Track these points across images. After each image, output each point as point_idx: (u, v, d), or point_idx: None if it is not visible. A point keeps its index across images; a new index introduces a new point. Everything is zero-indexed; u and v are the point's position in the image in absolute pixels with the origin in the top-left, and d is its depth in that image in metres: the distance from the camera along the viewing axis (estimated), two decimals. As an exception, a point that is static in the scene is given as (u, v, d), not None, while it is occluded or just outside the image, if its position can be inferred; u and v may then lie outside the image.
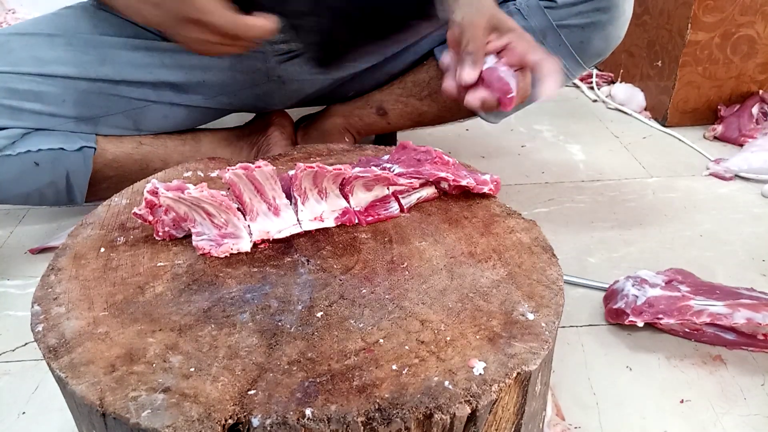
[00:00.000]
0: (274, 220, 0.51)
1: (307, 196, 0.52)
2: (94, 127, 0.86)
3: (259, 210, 0.50)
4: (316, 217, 0.52)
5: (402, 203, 0.55)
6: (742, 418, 0.62)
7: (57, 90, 0.82)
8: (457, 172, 0.56)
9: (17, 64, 0.80)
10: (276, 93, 0.95)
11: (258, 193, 0.50)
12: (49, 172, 0.84)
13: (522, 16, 0.87)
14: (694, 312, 0.67)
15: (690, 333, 0.71)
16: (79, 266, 0.48)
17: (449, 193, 0.58)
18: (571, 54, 0.87)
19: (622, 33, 0.88)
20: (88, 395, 0.36)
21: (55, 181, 0.85)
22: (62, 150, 0.83)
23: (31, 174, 0.83)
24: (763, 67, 1.23)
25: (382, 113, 1.01)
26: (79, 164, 0.86)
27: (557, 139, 1.25)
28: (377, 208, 0.54)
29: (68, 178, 0.85)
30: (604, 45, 0.87)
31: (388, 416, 0.35)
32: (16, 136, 0.81)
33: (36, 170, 0.83)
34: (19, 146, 0.81)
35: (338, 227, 0.53)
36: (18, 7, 1.85)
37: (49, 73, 0.81)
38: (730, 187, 1.05)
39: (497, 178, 0.57)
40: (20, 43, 0.82)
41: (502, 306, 0.43)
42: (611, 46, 0.89)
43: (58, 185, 0.85)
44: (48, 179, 0.84)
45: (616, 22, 0.85)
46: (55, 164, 0.84)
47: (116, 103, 0.87)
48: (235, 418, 0.35)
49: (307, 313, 0.43)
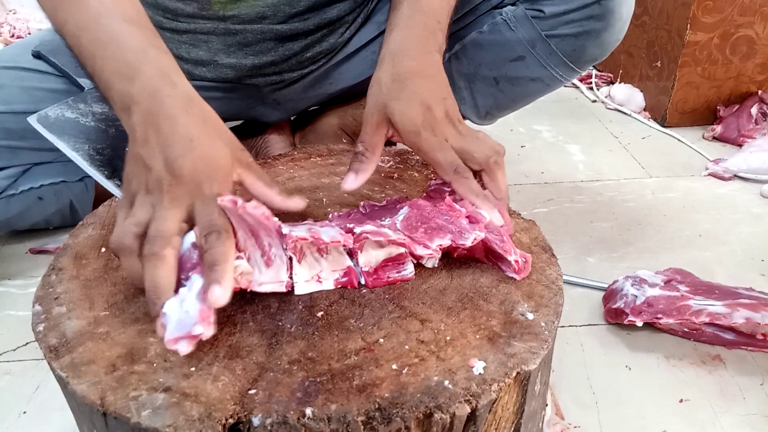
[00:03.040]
0: (264, 272, 0.43)
1: (304, 253, 0.45)
2: None
3: (252, 255, 0.43)
4: (313, 277, 0.45)
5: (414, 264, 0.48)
6: (741, 417, 0.62)
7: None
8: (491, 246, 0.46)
9: (10, 102, 0.78)
10: (271, 113, 0.95)
11: (252, 235, 0.43)
12: (54, 204, 0.86)
13: (509, 27, 0.84)
14: (693, 312, 0.68)
15: (689, 333, 0.71)
16: (80, 266, 0.48)
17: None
18: (563, 62, 0.84)
19: (620, 37, 0.85)
20: (88, 395, 0.36)
21: (60, 209, 0.87)
22: (64, 182, 0.84)
23: (36, 208, 0.84)
24: (762, 67, 1.23)
25: None
26: (82, 192, 0.87)
27: (557, 139, 1.25)
28: (388, 269, 0.46)
29: (72, 205, 0.88)
30: (600, 51, 0.84)
31: (388, 415, 0.35)
32: (16, 174, 0.81)
33: (40, 204, 0.84)
34: (21, 184, 0.81)
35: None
36: (19, 7, 1.85)
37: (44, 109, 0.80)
38: (729, 187, 1.06)
39: (528, 257, 0.47)
40: (9, 77, 0.79)
41: (502, 306, 0.43)
42: (607, 51, 0.85)
43: (63, 212, 0.88)
44: (53, 209, 0.86)
45: (612, 29, 0.81)
46: (58, 195, 0.85)
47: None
48: (236, 418, 0.35)
49: (308, 312, 0.43)
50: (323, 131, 1.02)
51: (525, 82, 0.89)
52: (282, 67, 0.84)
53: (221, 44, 0.81)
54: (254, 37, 0.80)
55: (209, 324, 0.37)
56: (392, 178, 0.61)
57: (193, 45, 0.81)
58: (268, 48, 0.81)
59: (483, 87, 0.91)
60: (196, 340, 0.37)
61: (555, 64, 0.85)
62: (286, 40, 0.81)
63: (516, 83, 0.89)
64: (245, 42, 0.81)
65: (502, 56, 0.86)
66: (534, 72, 0.86)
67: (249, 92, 0.88)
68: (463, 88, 0.92)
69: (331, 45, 0.86)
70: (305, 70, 0.87)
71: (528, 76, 0.87)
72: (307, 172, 0.63)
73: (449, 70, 0.88)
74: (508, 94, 0.91)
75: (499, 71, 0.88)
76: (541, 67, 0.85)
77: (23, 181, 0.81)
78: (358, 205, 0.52)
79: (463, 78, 0.91)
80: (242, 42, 0.80)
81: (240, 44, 0.81)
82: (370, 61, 0.91)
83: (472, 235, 0.45)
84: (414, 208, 0.48)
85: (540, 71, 0.86)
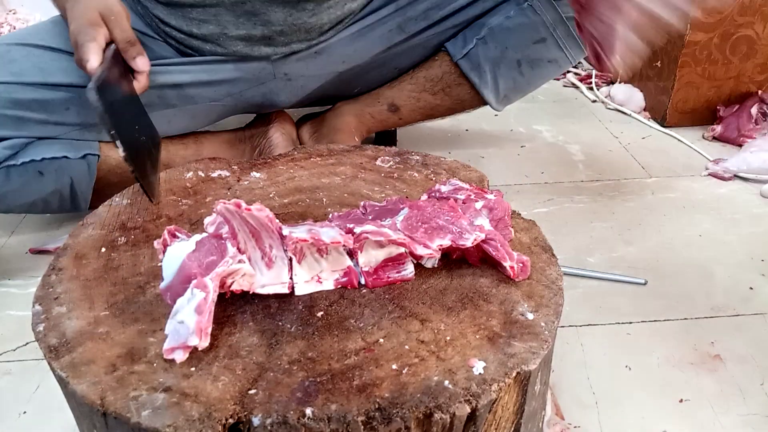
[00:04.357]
0: (265, 273, 0.44)
1: (304, 254, 0.45)
2: (98, 134, 0.86)
3: (253, 257, 0.44)
4: (313, 278, 0.45)
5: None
6: (741, 417, 0.62)
7: (61, 98, 0.82)
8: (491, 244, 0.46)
9: (21, 75, 0.80)
10: (282, 91, 0.95)
11: (253, 237, 0.43)
12: (54, 181, 0.84)
13: (534, 11, 0.93)
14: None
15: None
16: (80, 266, 0.48)
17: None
18: (577, 44, 0.94)
19: None
20: (88, 395, 0.36)
21: (60, 189, 0.85)
22: (66, 158, 0.84)
23: (35, 183, 0.83)
24: (762, 67, 1.23)
25: (394, 109, 1.03)
26: (83, 172, 0.86)
27: (557, 139, 1.25)
28: (388, 270, 0.46)
29: (72, 186, 0.86)
30: None
31: (388, 415, 0.35)
32: (19, 146, 0.81)
33: (40, 179, 0.83)
34: (22, 156, 0.81)
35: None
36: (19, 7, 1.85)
37: (53, 82, 0.81)
38: (729, 187, 1.06)
39: (525, 260, 0.47)
40: (22, 53, 0.82)
41: (502, 306, 0.43)
42: None
43: (62, 193, 0.86)
44: (52, 188, 0.84)
45: None
46: (59, 173, 0.84)
47: None
48: (236, 418, 0.35)
49: (308, 312, 0.43)
50: (338, 127, 1.03)
51: (543, 64, 0.98)
52: (291, 38, 0.88)
53: (230, 15, 0.85)
54: (261, 5, 0.84)
55: (206, 335, 0.39)
56: (392, 178, 0.61)
57: (203, 20, 0.85)
58: (276, 17, 0.85)
59: (506, 70, 0.98)
60: (191, 349, 0.39)
61: (570, 46, 0.95)
62: (293, 7, 0.85)
63: (535, 65, 0.98)
64: (253, 11, 0.84)
65: (526, 38, 0.95)
66: (552, 53, 0.97)
67: (260, 65, 0.91)
68: (488, 72, 0.98)
69: (338, 16, 0.90)
70: (314, 41, 0.91)
71: (547, 57, 0.97)
72: (307, 172, 0.63)
73: (477, 56, 0.97)
74: (527, 77, 1.00)
75: (522, 53, 0.96)
76: (559, 48, 0.96)
77: (25, 154, 0.81)
78: (358, 205, 0.52)
79: (489, 62, 0.97)
80: (250, 11, 0.84)
81: (248, 14, 0.85)
82: (380, 38, 0.96)
83: (473, 236, 0.45)
84: (414, 209, 0.48)
85: (557, 53, 0.96)
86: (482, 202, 0.50)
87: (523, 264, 0.46)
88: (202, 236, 0.43)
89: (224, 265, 0.41)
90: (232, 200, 0.41)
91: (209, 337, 0.39)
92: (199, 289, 0.39)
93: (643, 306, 0.77)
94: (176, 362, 0.39)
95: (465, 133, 1.28)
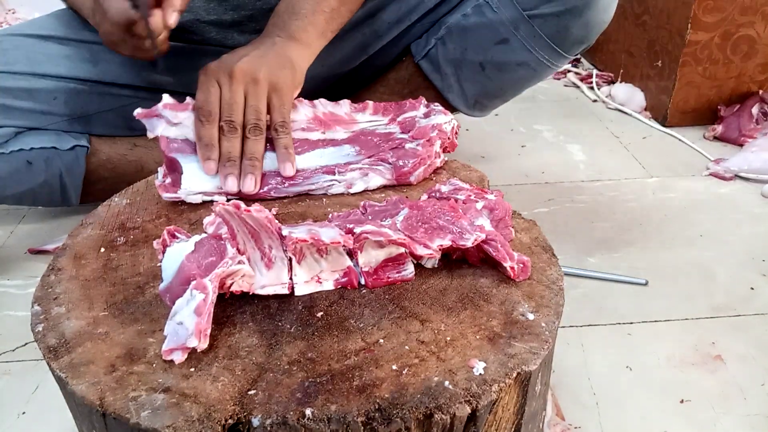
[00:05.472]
0: (264, 274, 0.44)
1: (304, 254, 0.45)
2: (87, 126, 0.86)
3: (253, 257, 0.43)
4: (313, 278, 0.45)
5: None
6: (741, 417, 0.62)
7: (49, 88, 0.82)
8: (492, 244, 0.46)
9: (10, 64, 0.81)
10: None
11: (252, 238, 0.43)
12: (42, 172, 0.84)
13: (491, 8, 0.85)
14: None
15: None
16: (79, 266, 0.48)
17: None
18: (547, 44, 0.85)
19: (605, 17, 0.84)
20: (88, 395, 0.36)
21: (49, 180, 0.85)
22: (55, 149, 0.84)
23: (24, 173, 0.83)
24: (763, 67, 1.23)
25: None
26: (72, 163, 0.86)
27: (557, 139, 1.25)
28: (388, 270, 0.46)
29: (62, 178, 0.86)
30: (585, 32, 0.84)
31: (388, 416, 0.35)
32: (8, 135, 0.81)
33: (29, 169, 0.83)
34: (11, 145, 0.82)
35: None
36: (18, 7, 1.85)
37: (42, 72, 0.82)
38: (730, 187, 1.05)
39: (526, 261, 0.46)
40: (13, 44, 0.83)
41: (502, 306, 0.43)
42: (594, 32, 0.85)
43: (51, 185, 0.86)
44: (41, 179, 0.84)
45: (595, 6, 0.81)
46: (48, 163, 0.84)
47: (108, 102, 0.87)
48: (235, 418, 0.35)
49: (307, 313, 0.43)
50: None
51: (512, 68, 0.89)
52: (261, 24, 0.84)
53: (201, 1, 0.84)
54: None
55: (205, 337, 0.39)
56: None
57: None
58: (246, 1, 0.85)
59: (470, 73, 0.91)
60: (189, 350, 0.39)
61: (539, 47, 0.85)
62: None
63: (503, 68, 0.90)
64: None
65: (486, 39, 0.87)
66: (519, 56, 0.87)
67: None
68: (450, 75, 0.92)
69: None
70: None
71: (514, 60, 0.88)
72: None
73: (436, 57, 0.90)
74: (496, 81, 0.92)
75: (485, 55, 0.89)
76: (526, 50, 0.86)
77: (14, 143, 0.82)
78: (358, 205, 0.52)
79: (451, 64, 0.91)
80: None
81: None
82: (356, 42, 0.92)
83: (473, 236, 0.45)
84: (414, 209, 0.48)
85: (525, 55, 0.87)
86: (483, 202, 0.50)
87: (524, 264, 0.46)
88: (201, 237, 0.43)
89: (224, 266, 0.41)
90: (231, 201, 0.41)
91: (208, 338, 0.39)
92: (199, 290, 0.39)
93: (644, 306, 0.77)
94: (175, 362, 0.39)
95: (465, 132, 1.28)
